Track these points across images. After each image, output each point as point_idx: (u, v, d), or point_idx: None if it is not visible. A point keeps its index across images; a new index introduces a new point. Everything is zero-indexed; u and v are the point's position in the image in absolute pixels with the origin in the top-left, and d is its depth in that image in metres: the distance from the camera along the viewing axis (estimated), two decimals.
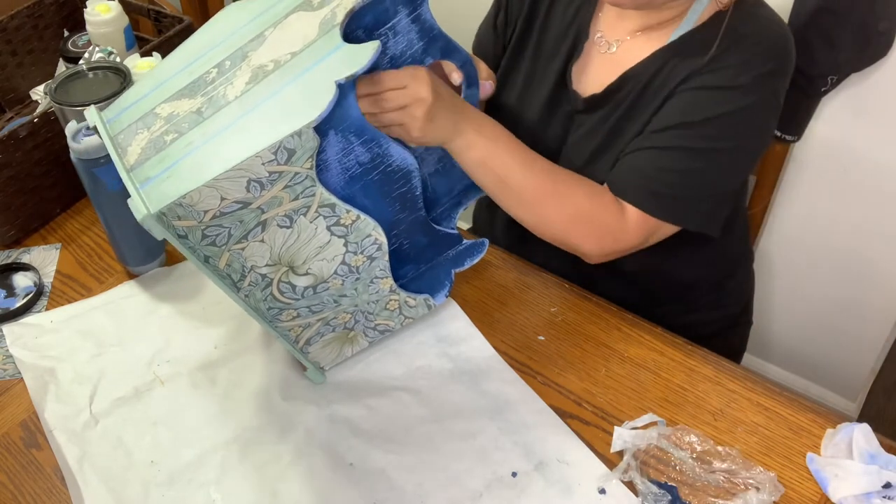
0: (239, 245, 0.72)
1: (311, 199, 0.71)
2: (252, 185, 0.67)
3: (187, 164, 0.68)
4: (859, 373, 1.55)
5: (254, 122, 0.68)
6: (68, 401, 0.88)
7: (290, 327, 0.82)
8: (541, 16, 1.00)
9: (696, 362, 0.89)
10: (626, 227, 0.89)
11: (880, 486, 0.74)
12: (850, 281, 1.44)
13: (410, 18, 0.79)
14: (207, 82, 0.74)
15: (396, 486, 0.79)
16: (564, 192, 0.88)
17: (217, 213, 0.68)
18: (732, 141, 0.87)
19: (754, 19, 0.88)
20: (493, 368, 0.89)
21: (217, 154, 0.67)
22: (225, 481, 0.80)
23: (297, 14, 0.75)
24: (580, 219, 0.88)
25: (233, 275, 0.75)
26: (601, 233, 0.89)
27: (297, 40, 0.72)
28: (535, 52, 1.01)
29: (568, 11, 0.99)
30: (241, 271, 0.75)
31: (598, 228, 0.89)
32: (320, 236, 0.75)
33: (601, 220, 0.89)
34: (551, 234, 0.90)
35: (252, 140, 0.66)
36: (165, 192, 0.66)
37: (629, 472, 0.78)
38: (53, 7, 1.31)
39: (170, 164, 0.68)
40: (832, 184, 1.34)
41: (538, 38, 1.01)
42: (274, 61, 0.72)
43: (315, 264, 0.77)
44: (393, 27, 0.79)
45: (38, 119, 1.04)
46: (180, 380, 0.90)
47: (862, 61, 1.17)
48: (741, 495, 0.76)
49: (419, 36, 0.81)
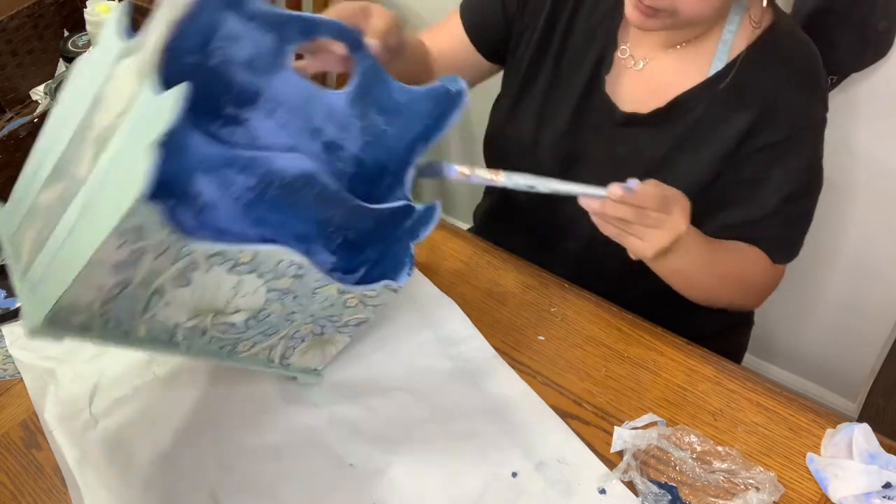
0: (148, 314, 0.65)
1: (194, 256, 0.63)
2: (120, 268, 0.60)
3: (60, 260, 0.61)
4: (859, 373, 1.55)
5: (100, 200, 0.60)
6: (68, 401, 0.88)
7: (254, 353, 0.77)
8: (564, 19, 0.99)
9: (696, 362, 0.89)
10: (778, 278, 1.00)
11: (880, 486, 0.74)
12: (850, 281, 1.44)
13: (240, 17, 0.71)
14: (66, 161, 0.67)
15: (396, 487, 0.79)
16: (738, 272, 0.94)
17: (104, 300, 0.61)
18: (818, 175, 0.97)
19: (790, 41, 0.92)
20: (494, 368, 0.89)
21: (79, 244, 0.60)
22: (225, 481, 0.80)
23: (126, 62, 0.64)
24: (749, 287, 0.98)
25: (161, 336, 0.68)
26: (767, 292, 1.01)
27: (122, 97, 0.62)
28: (558, 56, 1.00)
29: (594, 17, 0.98)
30: (169, 331, 0.68)
31: (766, 290, 1.00)
32: (227, 280, 0.67)
33: (769, 284, 0.99)
34: (718, 303, 0.98)
35: (102, 222, 0.58)
36: (47, 295, 0.60)
37: (629, 472, 0.78)
38: (53, 7, 1.31)
39: (48, 262, 0.62)
40: (832, 183, 1.34)
41: (561, 41, 1.00)
42: (108, 127, 0.62)
43: (240, 300, 0.70)
44: (226, 36, 0.71)
45: (38, 119, 1.04)
46: (180, 379, 0.90)
47: (862, 61, 1.17)
48: (741, 495, 0.76)
49: (263, 30, 0.73)
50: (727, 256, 0.93)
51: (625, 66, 0.97)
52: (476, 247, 1.03)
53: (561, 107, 1.01)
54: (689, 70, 0.94)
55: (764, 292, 1.00)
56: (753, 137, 0.91)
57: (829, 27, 1.12)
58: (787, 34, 0.92)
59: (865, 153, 1.29)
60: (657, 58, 0.96)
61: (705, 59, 0.93)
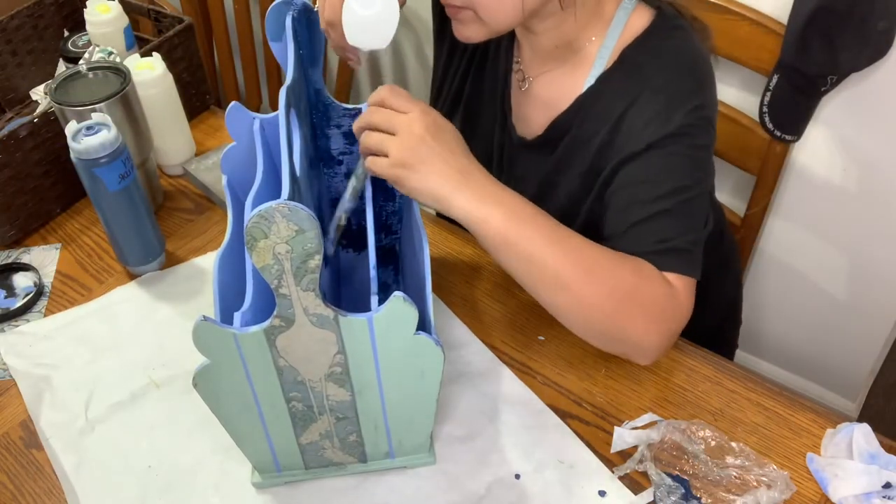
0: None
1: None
2: None
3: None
4: (859, 373, 1.55)
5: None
6: (64, 408, 0.88)
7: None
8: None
9: (696, 362, 0.89)
10: (684, 297, 0.79)
11: (880, 486, 0.74)
12: (850, 281, 1.44)
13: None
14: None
15: (396, 490, 0.79)
16: (606, 268, 0.76)
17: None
18: (699, 185, 0.83)
19: (659, 52, 0.85)
20: (493, 370, 0.89)
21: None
22: (224, 485, 0.80)
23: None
24: (627, 296, 0.76)
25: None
26: (654, 312, 0.77)
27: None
28: (479, 72, 1.00)
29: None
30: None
31: (650, 306, 0.77)
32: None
33: (651, 294, 0.77)
34: (595, 321, 0.77)
35: None
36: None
37: (644, 462, 0.78)
38: (53, 7, 1.31)
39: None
40: (832, 184, 1.34)
41: (483, 57, 1.00)
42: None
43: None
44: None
45: (38, 119, 1.04)
46: (176, 383, 0.89)
47: (862, 61, 1.17)
48: (752, 492, 0.76)
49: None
50: (589, 247, 0.77)
51: (518, 86, 0.97)
52: (476, 247, 1.03)
53: (479, 123, 1.01)
54: (566, 87, 0.90)
55: (668, 314, 0.78)
56: (612, 150, 0.85)
57: (829, 27, 1.12)
58: (659, 34, 0.86)
59: (865, 153, 1.29)
60: (538, 76, 0.94)
61: (582, 73, 0.89)
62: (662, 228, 0.80)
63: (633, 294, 0.76)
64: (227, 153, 0.78)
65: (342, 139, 0.89)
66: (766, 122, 1.21)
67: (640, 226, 0.81)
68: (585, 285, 0.75)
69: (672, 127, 0.81)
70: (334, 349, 0.66)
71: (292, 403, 0.70)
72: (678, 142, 0.81)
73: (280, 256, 0.59)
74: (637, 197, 0.82)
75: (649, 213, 0.80)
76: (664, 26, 0.86)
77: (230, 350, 0.64)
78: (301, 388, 0.69)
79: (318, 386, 0.69)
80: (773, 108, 1.20)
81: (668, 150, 0.82)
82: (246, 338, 0.64)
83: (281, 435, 0.74)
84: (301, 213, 0.57)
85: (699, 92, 0.84)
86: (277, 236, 0.57)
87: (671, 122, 0.81)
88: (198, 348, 0.64)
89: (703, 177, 0.84)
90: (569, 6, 0.84)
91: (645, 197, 0.81)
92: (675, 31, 0.86)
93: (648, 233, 0.80)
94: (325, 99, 0.86)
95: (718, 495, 0.76)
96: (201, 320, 0.62)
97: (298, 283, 0.61)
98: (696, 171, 0.83)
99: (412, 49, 1.77)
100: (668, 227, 0.80)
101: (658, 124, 0.81)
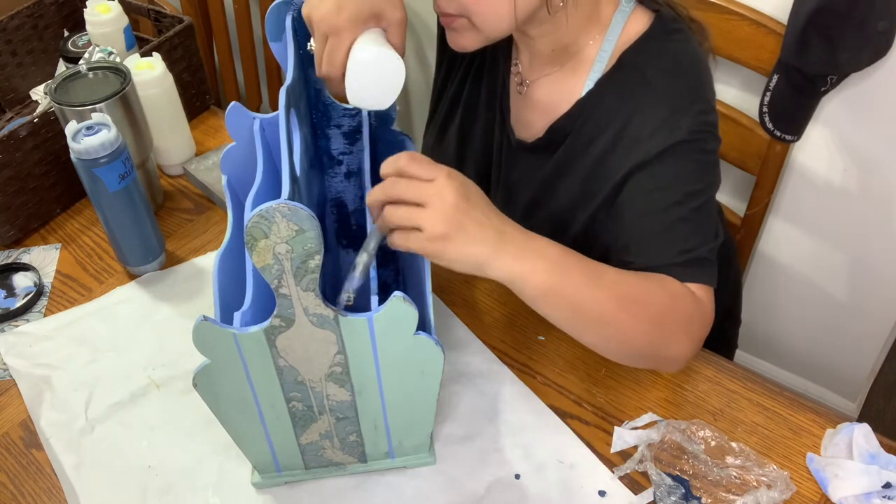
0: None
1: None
2: None
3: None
4: (859, 373, 1.55)
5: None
6: (64, 408, 0.88)
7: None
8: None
9: (696, 362, 0.89)
10: (705, 307, 0.79)
11: (880, 486, 0.74)
12: (850, 281, 1.44)
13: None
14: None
15: (396, 490, 0.79)
16: (643, 297, 0.76)
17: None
18: (710, 188, 0.84)
19: (658, 55, 0.85)
20: (493, 370, 0.89)
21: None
22: (223, 485, 0.80)
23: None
24: (666, 320, 0.77)
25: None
26: (688, 328, 0.78)
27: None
28: (478, 73, 1.00)
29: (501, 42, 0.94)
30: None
31: (685, 324, 0.78)
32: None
33: (685, 312, 0.78)
34: (638, 348, 0.77)
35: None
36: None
37: (644, 462, 0.78)
38: (53, 7, 1.31)
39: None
40: (832, 184, 1.34)
41: (482, 59, 0.99)
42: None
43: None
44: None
45: (38, 119, 1.04)
46: (176, 383, 0.89)
47: (862, 61, 1.17)
48: (752, 492, 0.76)
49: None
50: (623, 278, 0.77)
51: (517, 90, 0.96)
52: None
53: (477, 126, 1.01)
54: (565, 91, 0.90)
55: (697, 326, 0.79)
56: (616, 158, 0.85)
57: (829, 27, 1.12)
58: (658, 37, 0.85)
59: (865, 153, 1.29)
60: (537, 80, 0.93)
61: (580, 77, 0.89)
62: (683, 238, 0.80)
63: (671, 316, 0.77)
64: (227, 153, 0.78)
65: (342, 139, 0.89)
66: (766, 122, 1.21)
67: (661, 237, 0.81)
68: (628, 318, 0.75)
69: (681, 134, 0.81)
70: (334, 349, 0.66)
71: (292, 403, 0.70)
72: (689, 148, 0.82)
73: (280, 256, 0.59)
74: (652, 206, 0.82)
75: (667, 222, 0.81)
76: (663, 29, 0.86)
77: (230, 350, 0.64)
78: (301, 388, 0.69)
79: (318, 386, 0.69)
80: (774, 108, 1.20)
81: (678, 156, 0.82)
82: (246, 338, 0.64)
83: (281, 435, 0.73)
84: (301, 212, 0.57)
85: (702, 96, 0.84)
86: (277, 236, 0.58)
87: (680, 130, 0.81)
88: (198, 348, 0.64)
89: (713, 181, 0.85)
90: (556, 11, 0.83)
91: (660, 205, 0.81)
92: (674, 34, 0.86)
93: (670, 244, 0.80)
94: (325, 99, 0.86)
95: (718, 495, 0.76)
96: (201, 320, 0.62)
97: (298, 283, 0.61)
98: (706, 175, 0.83)
99: (412, 50, 1.76)
100: (687, 236, 0.81)
101: (666, 132, 0.81)
